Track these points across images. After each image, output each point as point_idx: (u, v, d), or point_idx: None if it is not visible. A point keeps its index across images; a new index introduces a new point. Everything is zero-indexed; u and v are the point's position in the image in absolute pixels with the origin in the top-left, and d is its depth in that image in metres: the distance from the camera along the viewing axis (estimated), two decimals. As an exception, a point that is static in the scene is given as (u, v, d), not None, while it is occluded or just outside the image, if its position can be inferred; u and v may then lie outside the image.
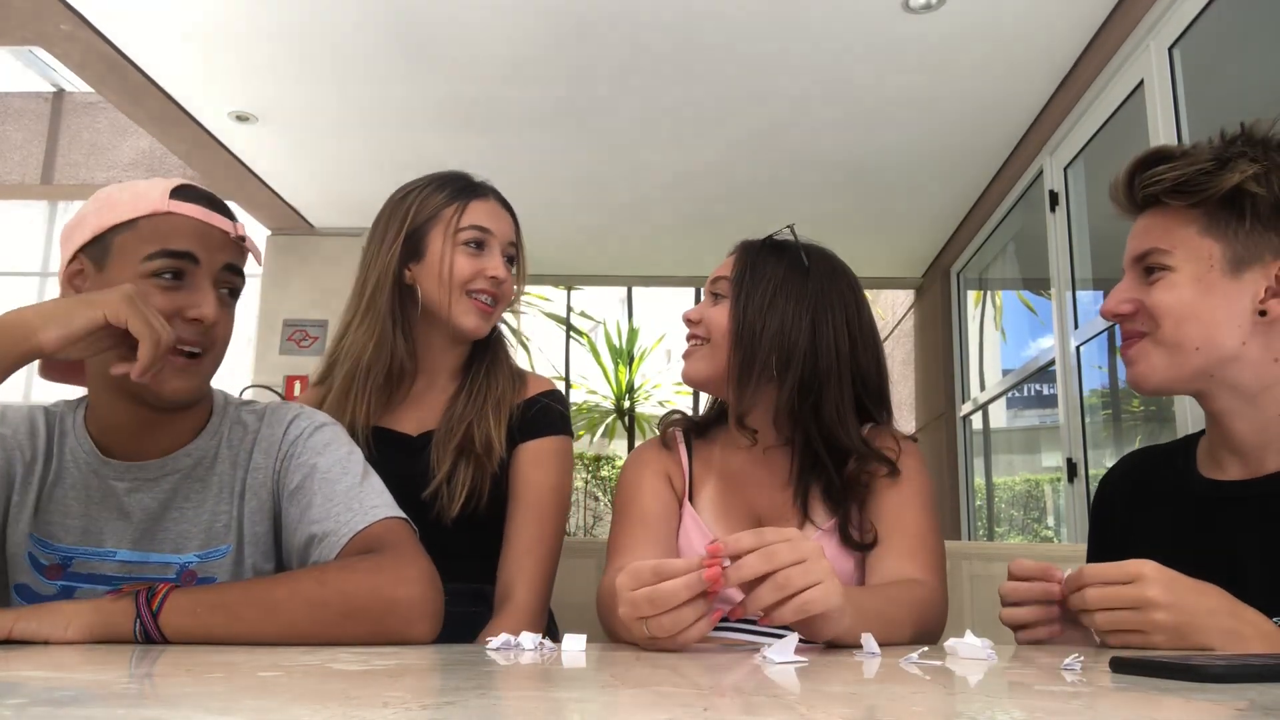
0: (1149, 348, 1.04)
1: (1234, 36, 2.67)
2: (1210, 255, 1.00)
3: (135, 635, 0.87)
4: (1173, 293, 1.01)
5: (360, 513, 1.04)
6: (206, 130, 3.88)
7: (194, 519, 1.08)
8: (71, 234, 1.07)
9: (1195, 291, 1.01)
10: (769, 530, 0.88)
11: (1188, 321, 1.01)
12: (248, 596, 0.91)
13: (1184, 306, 1.01)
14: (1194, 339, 1.01)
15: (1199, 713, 0.51)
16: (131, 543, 1.06)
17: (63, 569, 1.05)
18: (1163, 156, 1.05)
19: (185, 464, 1.09)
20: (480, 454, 1.38)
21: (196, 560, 1.08)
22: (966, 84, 3.37)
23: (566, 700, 0.58)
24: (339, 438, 1.14)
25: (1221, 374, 1.01)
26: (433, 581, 0.98)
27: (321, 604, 0.91)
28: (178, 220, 1.05)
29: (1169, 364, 1.03)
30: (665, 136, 3.87)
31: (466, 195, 1.46)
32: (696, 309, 1.40)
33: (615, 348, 9.75)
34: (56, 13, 3.04)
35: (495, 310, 1.46)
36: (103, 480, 1.07)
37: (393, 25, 3.09)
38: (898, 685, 0.65)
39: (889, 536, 1.24)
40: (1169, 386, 1.05)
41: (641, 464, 1.39)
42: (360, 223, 4.88)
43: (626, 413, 9.45)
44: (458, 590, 1.41)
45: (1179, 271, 1.02)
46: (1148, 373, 1.05)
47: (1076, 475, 3.45)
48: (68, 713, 0.45)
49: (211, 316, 1.04)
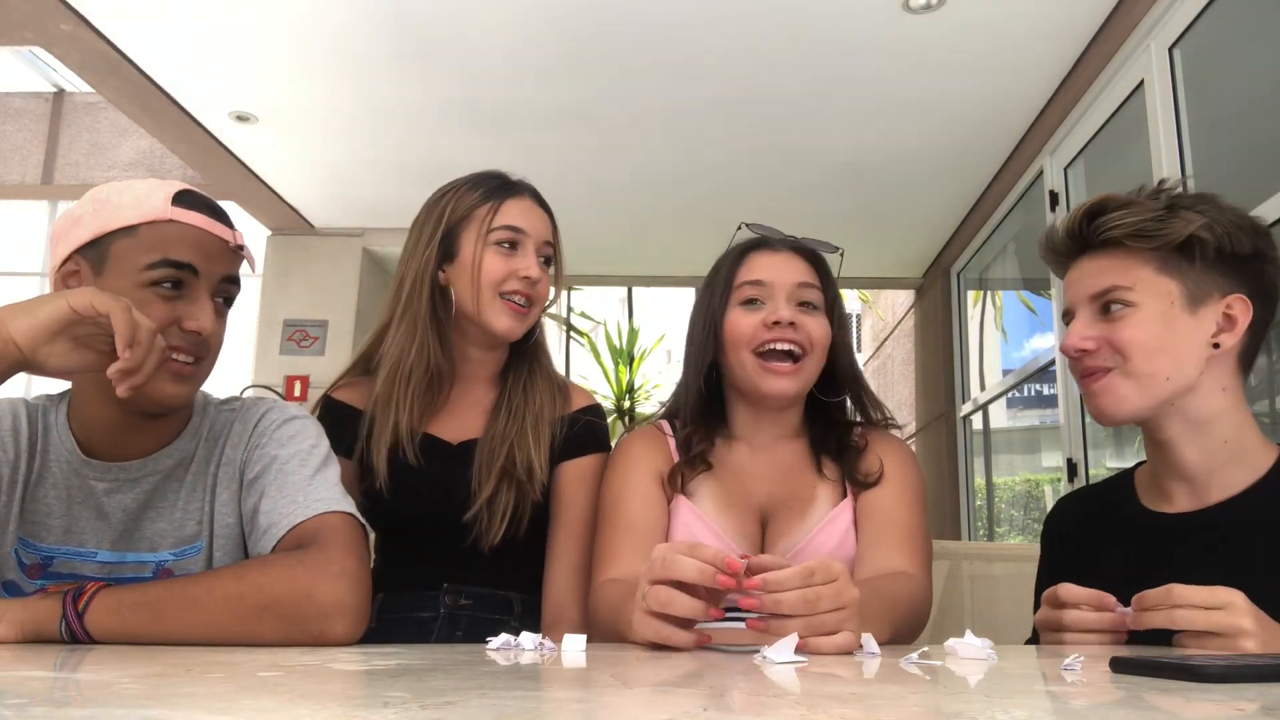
0: (1117, 380, 1.10)
1: (1234, 36, 2.66)
2: (1170, 292, 1.08)
3: (61, 634, 0.87)
4: (1141, 328, 1.08)
5: (303, 505, 1.03)
6: (206, 130, 3.88)
7: (169, 517, 1.08)
8: (68, 232, 1.05)
9: (1161, 326, 1.08)
10: (818, 569, 0.86)
11: (1158, 354, 1.08)
12: (170, 595, 0.90)
13: (1154, 339, 1.08)
14: (1164, 370, 1.08)
15: (1199, 713, 0.51)
16: (110, 543, 1.06)
17: (43, 568, 1.04)
18: (1114, 204, 1.13)
19: (165, 465, 1.08)
20: (522, 479, 1.36)
21: (172, 558, 1.07)
22: (966, 84, 3.37)
23: (567, 700, 0.58)
24: (306, 430, 1.13)
25: (1181, 403, 1.09)
26: (355, 581, 0.95)
27: (238, 598, 0.89)
28: (180, 229, 1.04)
29: (1139, 394, 1.09)
30: (665, 136, 3.87)
31: (501, 194, 1.43)
32: (793, 311, 1.30)
33: (615, 348, 9.73)
34: (57, 13, 3.04)
35: (530, 312, 1.41)
36: (83, 480, 1.05)
37: (393, 25, 3.09)
38: (898, 685, 0.65)
39: (880, 528, 1.27)
40: (1133, 416, 1.11)
41: (628, 461, 1.36)
42: (360, 223, 4.92)
43: (627, 413, 9.43)
44: (484, 596, 1.41)
45: (1143, 308, 1.09)
46: (1116, 404, 1.11)
47: (1077, 475, 3.45)
48: (68, 713, 0.45)
49: (209, 328, 1.04)
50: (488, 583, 1.40)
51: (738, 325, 1.32)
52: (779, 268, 1.34)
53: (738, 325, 1.32)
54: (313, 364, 4.83)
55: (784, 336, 1.29)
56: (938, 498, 5.13)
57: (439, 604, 1.39)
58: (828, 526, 1.28)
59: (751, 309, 1.32)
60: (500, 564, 1.38)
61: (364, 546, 1.02)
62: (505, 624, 1.34)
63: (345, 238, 4.95)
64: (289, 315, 4.94)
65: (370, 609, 0.99)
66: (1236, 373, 1.10)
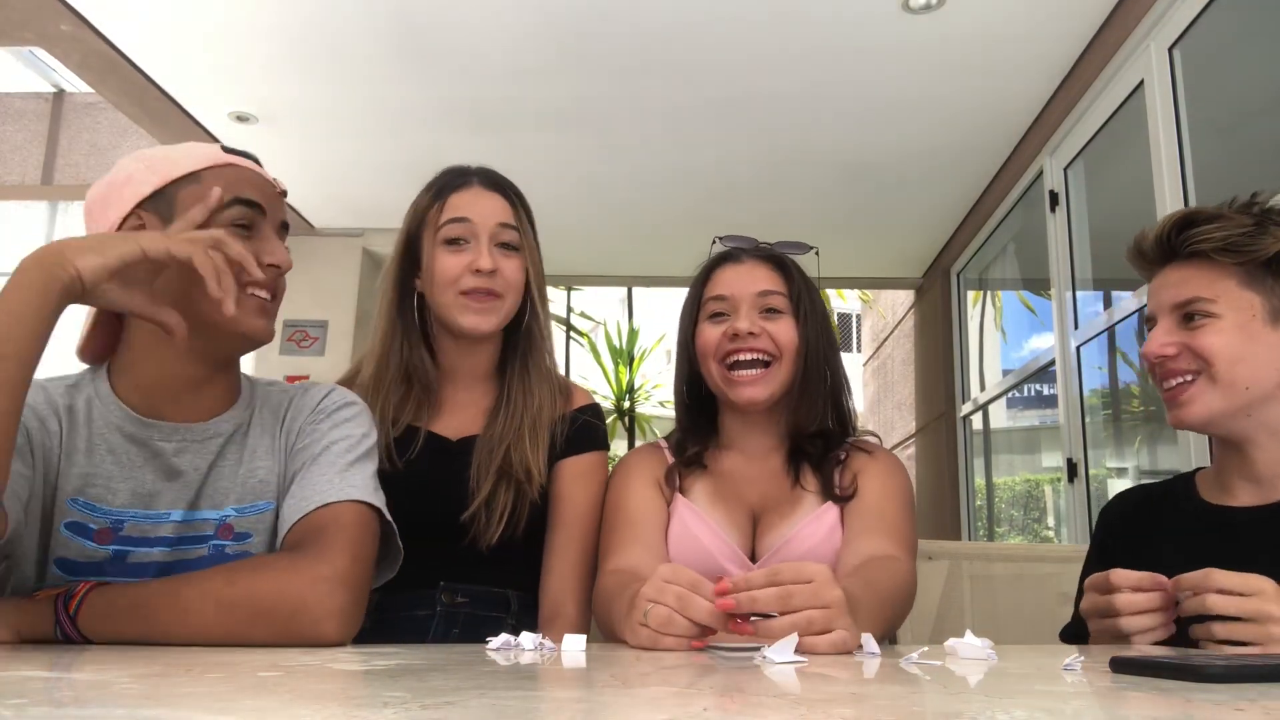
0: (1205, 387, 1.15)
1: (1234, 36, 2.66)
2: (1252, 306, 1.14)
3: (57, 637, 0.88)
4: (1222, 337, 1.14)
5: (338, 488, 1.04)
6: (207, 130, 3.88)
7: (232, 475, 1.09)
8: (119, 192, 1.05)
9: (1242, 337, 1.13)
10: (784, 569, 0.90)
11: (1240, 363, 1.13)
12: (161, 599, 0.90)
13: (1235, 349, 1.13)
14: (1245, 379, 1.13)
15: (1199, 713, 0.51)
16: (186, 503, 1.06)
17: (114, 533, 1.03)
18: (1204, 217, 1.18)
19: (227, 428, 1.10)
20: (520, 479, 1.36)
21: (235, 514, 1.08)
22: (966, 84, 3.37)
23: (567, 700, 0.58)
24: (359, 418, 1.15)
25: (1259, 412, 1.14)
26: (346, 582, 0.94)
27: (230, 605, 0.89)
28: (240, 172, 1.07)
29: (1221, 400, 1.14)
30: (665, 136, 3.87)
31: (446, 191, 1.42)
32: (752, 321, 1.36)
33: (615, 348, 9.74)
34: (57, 13, 3.04)
35: (494, 302, 1.39)
36: (146, 443, 1.05)
37: (393, 25, 3.09)
38: (898, 685, 0.65)
39: (864, 518, 1.30)
40: (1216, 422, 1.17)
41: (629, 470, 1.42)
42: (360, 223, 4.91)
43: (627, 413, 9.43)
44: (481, 595, 1.41)
45: (1224, 319, 1.14)
46: (1201, 410, 1.16)
47: (1077, 475, 3.45)
48: (68, 713, 0.45)
49: (287, 261, 1.08)
50: (485, 581, 1.40)
51: (704, 338, 1.39)
52: (742, 280, 1.39)
53: (704, 338, 1.39)
54: (313, 364, 4.83)
55: (745, 346, 1.35)
56: (938, 498, 5.13)
57: (435, 602, 1.39)
58: (813, 524, 1.31)
59: (717, 322, 1.39)
60: (497, 563, 1.38)
61: (368, 544, 1.02)
62: (502, 622, 1.34)
63: (345, 238, 4.95)
64: (289, 315, 4.93)
65: (365, 607, 0.99)
66: None
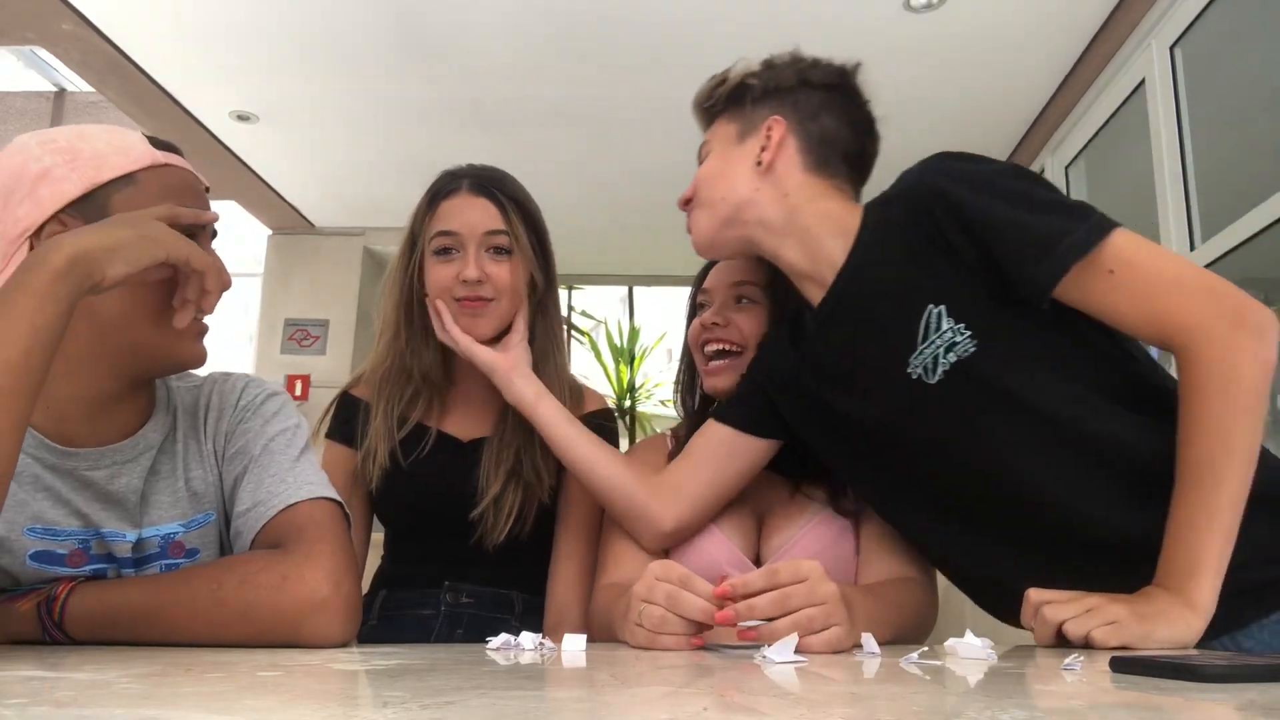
0: (693, 214, 1.28)
1: (1235, 35, 2.66)
2: (728, 135, 1.28)
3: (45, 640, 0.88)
4: (705, 167, 1.29)
5: (293, 487, 1.00)
6: (207, 130, 3.88)
7: (169, 489, 1.04)
8: (32, 190, 0.92)
9: (719, 162, 1.27)
10: (783, 569, 0.89)
11: (714, 181, 1.26)
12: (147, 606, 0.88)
13: (711, 172, 1.27)
14: (719, 192, 1.25)
15: (1199, 713, 0.51)
16: (132, 523, 1.01)
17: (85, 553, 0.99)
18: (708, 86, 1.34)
19: (154, 440, 1.03)
20: (530, 480, 1.37)
21: (181, 530, 1.04)
22: (966, 84, 3.36)
23: (567, 700, 0.58)
24: (288, 409, 1.11)
25: (748, 217, 1.23)
26: (340, 582, 0.91)
27: (222, 626, 0.87)
28: (176, 173, 0.99)
29: (708, 219, 1.26)
30: (666, 136, 3.86)
31: (436, 200, 1.43)
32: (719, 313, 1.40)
33: (616, 347, 9.73)
34: (57, 12, 3.04)
35: (487, 307, 1.38)
36: (71, 473, 0.96)
37: (394, 24, 3.09)
38: (898, 685, 0.65)
39: (880, 537, 1.27)
40: (715, 239, 1.27)
41: None
42: (361, 223, 4.91)
43: (628, 412, 9.43)
44: (486, 595, 1.41)
45: (712, 155, 1.29)
46: (696, 233, 1.28)
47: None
48: (68, 713, 0.45)
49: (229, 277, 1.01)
50: (490, 581, 1.41)
51: (691, 330, 1.46)
52: (720, 272, 1.44)
53: (691, 330, 1.46)
54: (314, 363, 4.83)
55: (712, 337, 1.40)
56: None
57: (440, 602, 1.39)
58: (820, 527, 1.29)
59: (700, 314, 1.44)
60: (503, 563, 1.38)
61: (349, 538, 1.00)
62: (506, 623, 1.35)
63: (346, 237, 4.95)
64: (290, 315, 4.94)
65: (361, 603, 0.98)
66: (805, 177, 1.24)
